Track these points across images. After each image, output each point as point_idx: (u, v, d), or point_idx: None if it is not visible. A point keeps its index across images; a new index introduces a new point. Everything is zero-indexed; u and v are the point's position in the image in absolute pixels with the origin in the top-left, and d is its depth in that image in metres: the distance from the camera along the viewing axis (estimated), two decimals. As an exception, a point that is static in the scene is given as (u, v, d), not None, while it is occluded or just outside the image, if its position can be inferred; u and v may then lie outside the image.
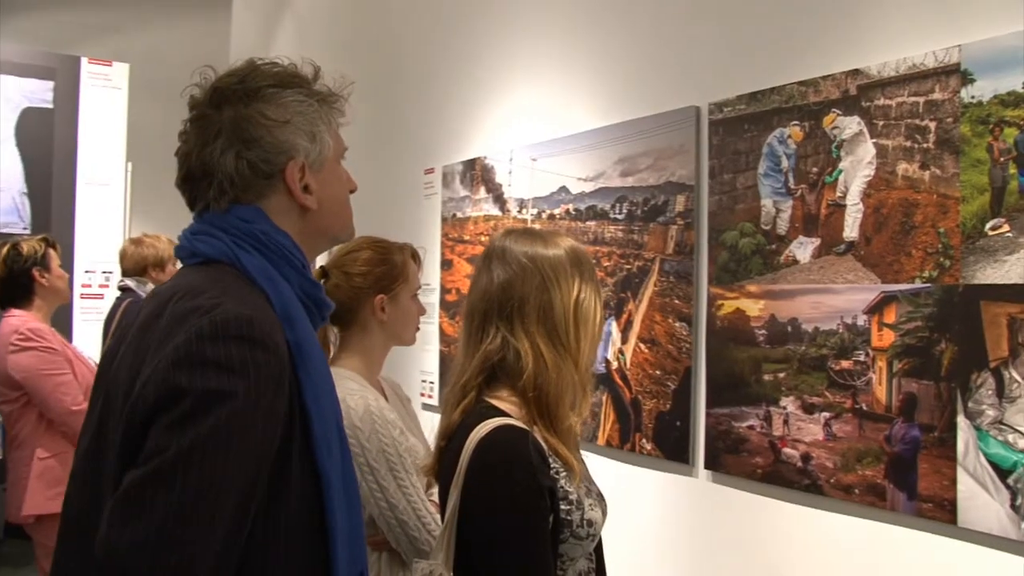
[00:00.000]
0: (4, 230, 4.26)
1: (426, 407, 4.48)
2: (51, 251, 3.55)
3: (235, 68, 1.36)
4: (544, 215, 3.57)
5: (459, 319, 5.79)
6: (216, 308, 1.15)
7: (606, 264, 3.25)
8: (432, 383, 4.43)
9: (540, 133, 3.66)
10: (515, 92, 3.88)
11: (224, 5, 8.24)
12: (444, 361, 4.30)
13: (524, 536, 1.38)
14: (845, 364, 2.40)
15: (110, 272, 4.31)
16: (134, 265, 4.22)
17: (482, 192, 4.02)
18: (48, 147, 4.38)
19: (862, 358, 2.35)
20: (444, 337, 4.31)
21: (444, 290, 4.31)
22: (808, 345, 2.49)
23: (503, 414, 1.46)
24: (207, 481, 1.08)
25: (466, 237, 4.14)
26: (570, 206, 3.45)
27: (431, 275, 4.44)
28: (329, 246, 1.53)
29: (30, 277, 3.44)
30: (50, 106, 4.39)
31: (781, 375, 2.56)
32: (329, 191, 1.39)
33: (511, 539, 1.38)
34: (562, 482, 1.45)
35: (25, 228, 4.30)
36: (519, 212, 3.76)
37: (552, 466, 1.45)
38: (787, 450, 2.54)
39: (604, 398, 3.23)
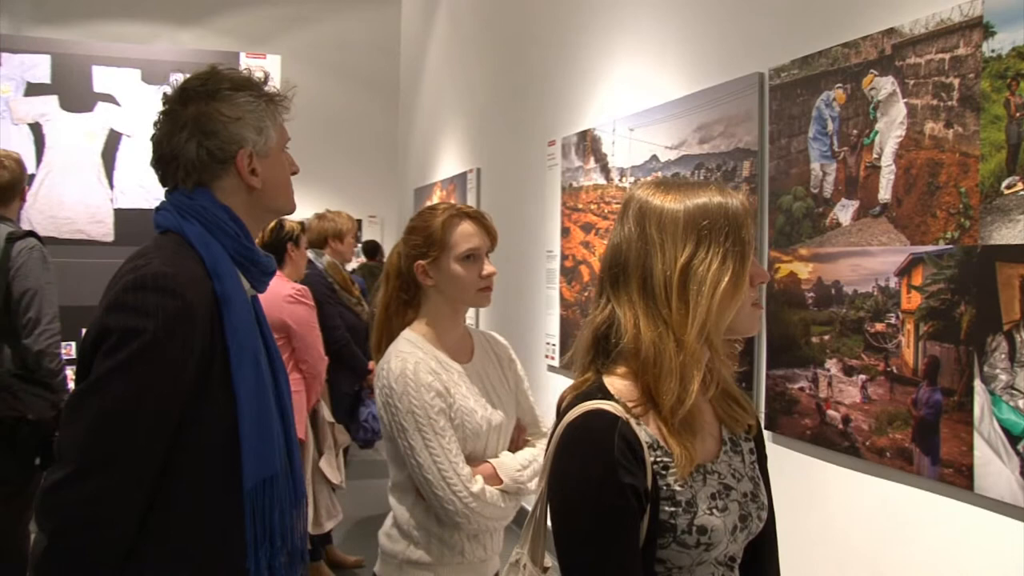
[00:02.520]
0: (181, 207, 4.88)
1: (551, 368, 4.69)
2: (303, 235, 4.10)
3: (200, 72, 1.66)
4: (640, 182, 3.67)
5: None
6: (143, 267, 1.46)
7: (687, 230, 3.32)
8: (554, 345, 4.63)
9: (636, 104, 3.75)
10: (617, 65, 3.99)
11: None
12: (564, 325, 4.49)
13: (592, 538, 1.20)
14: (879, 327, 2.38)
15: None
16: (316, 237, 4.71)
17: (592, 162, 4.16)
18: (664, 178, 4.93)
19: (893, 321, 2.34)
20: (564, 301, 4.49)
21: (563, 256, 4.49)
22: (848, 308, 2.49)
23: (609, 396, 1.26)
24: (126, 392, 1.41)
25: (580, 206, 4.30)
26: (659, 174, 3.53)
27: (552, 242, 4.64)
28: (274, 218, 1.78)
29: (285, 248, 3.98)
30: (215, 97, 4.93)
31: (826, 337, 2.57)
32: (272, 174, 1.67)
33: (578, 539, 1.21)
34: (669, 479, 1.24)
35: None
36: (620, 181, 3.87)
37: (654, 460, 1.24)
38: (830, 412, 2.56)
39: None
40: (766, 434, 2.82)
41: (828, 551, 2.64)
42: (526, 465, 2.12)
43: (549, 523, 1.28)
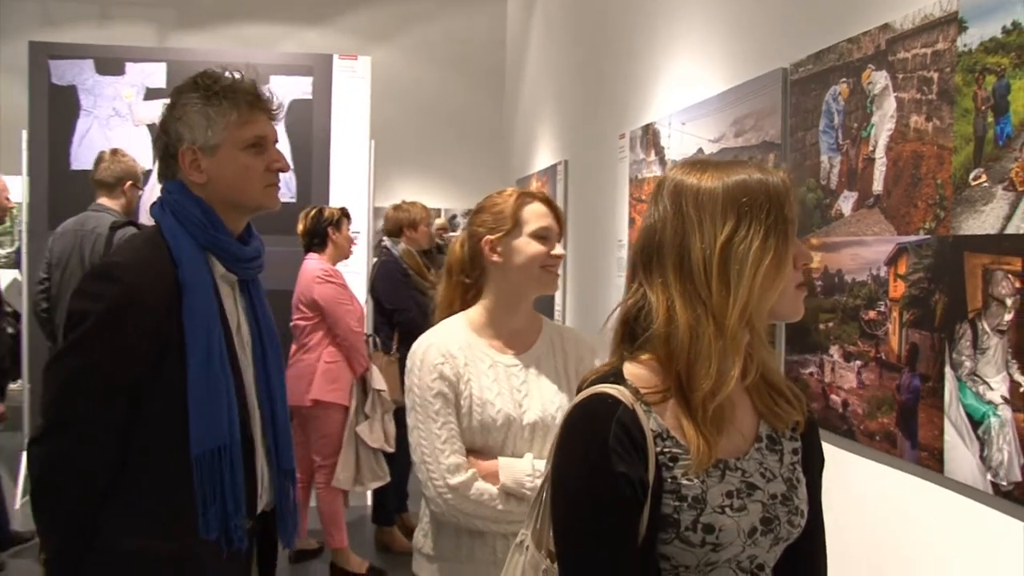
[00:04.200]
0: (278, 200, 5.30)
1: (620, 355, 4.85)
2: (344, 219, 4.52)
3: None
4: (687, 175, 3.79)
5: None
6: (106, 258, 1.75)
7: (724, 220, 3.43)
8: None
9: (687, 99, 3.86)
10: (674, 61, 4.10)
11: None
12: (630, 312, 4.64)
13: (582, 525, 1.16)
14: (872, 314, 2.46)
15: (357, 232, 5.15)
16: (392, 226, 5.07)
17: (652, 155, 4.29)
18: (308, 131, 5.32)
19: (882, 308, 2.41)
20: (630, 290, 4.64)
21: (630, 246, 4.63)
22: (848, 296, 2.57)
23: (623, 381, 1.21)
24: (79, 366, 1.69)
25: (643, 197, 4.43)
26: (704, 166, 3.64)
27: (622, 232, 4.79)
28: (245, 212, 1.90)
29: (325, 233, 4.40)
30: (309, 97, 5.32)
31: (830, 324, 2.66)
32: (221, 170, 1.82)
33: (568, 524, 1.18)
34: (676, 472, 1.17)
35: (292, 198, 5.28)
36: (673, 172, 3.99)
37: (661, 451, 1.18)
38: (832, 396, 2.64)
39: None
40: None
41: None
42: (544, 473, 2.07)
43: None
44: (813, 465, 1.36)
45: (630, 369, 1.24)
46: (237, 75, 1.89)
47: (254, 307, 1.92)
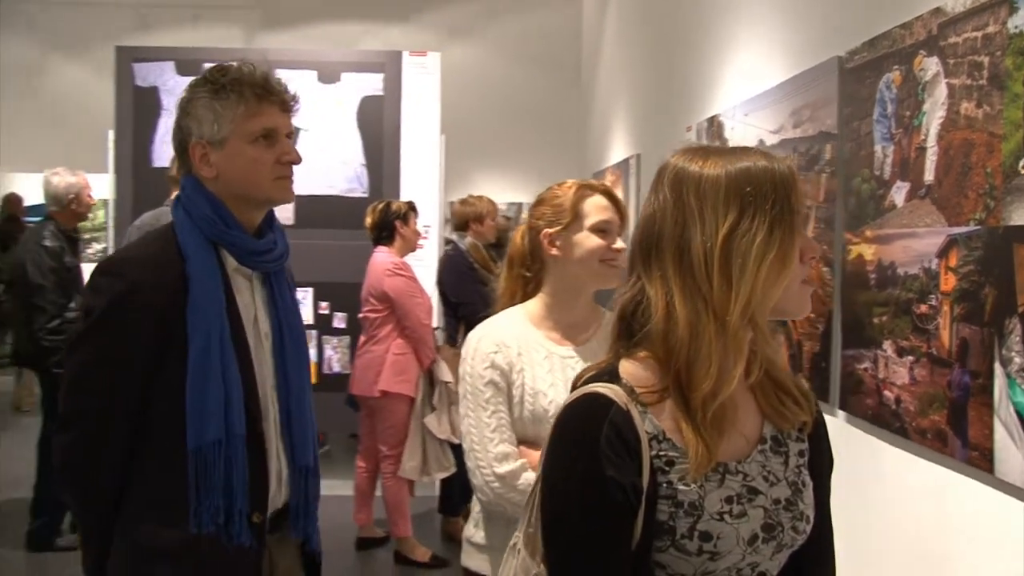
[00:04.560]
0: (349, 195, 5.40)
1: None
2: (411, 212, 4.61)
3: None
4: (749, 166, 3.73)
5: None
6: (114, 254, 1.80)
7: (783, 212, 3.36)
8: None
9: (749, 89, 3.80)
10: (737, 53, 4.04)
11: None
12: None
13: (569, 529, 1.11)
14: (923, 308, 2.39)
15: (428, 226, 5.23)
16: (458, 221, 5.14)
17: (716, 146, 4.23)
18: (379, 127, 5.42)
19: (933, 302, 2.34)
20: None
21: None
22: (900, 289, 2.50)
23: (618, 379, 1.16)
24: (85, 360, 1.74)
25: (708, 189, 4.38)
26: (765, 157, 3.57)
27: (688, 226, 4.74)
28: (257, 206, 1.87)
29: (393, 226, 4.50)
30: (381, 93, 5.42)
31: (884, 318, 2.59)
32: (230, 163, 1.80)
33: (555, 529, 1.13)
34: (672, 476, 1.12)
35: (364, 193, 5.39)
36: (735, 164, 3.94)
37: (656, 454, 1.12)
38: (886, 392, 2.57)
39: (781, 339, 3.37)
40: (839, 416, 2.85)
41: (876, 533, 2.66)
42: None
43: None
44: (821, 467, 1.29)
45: (626, 367, 1.19)
46: (248, 67, 1.86)
47: (275, 300, 1.90)
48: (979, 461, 2.13)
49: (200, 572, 1.77)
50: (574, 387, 1.23)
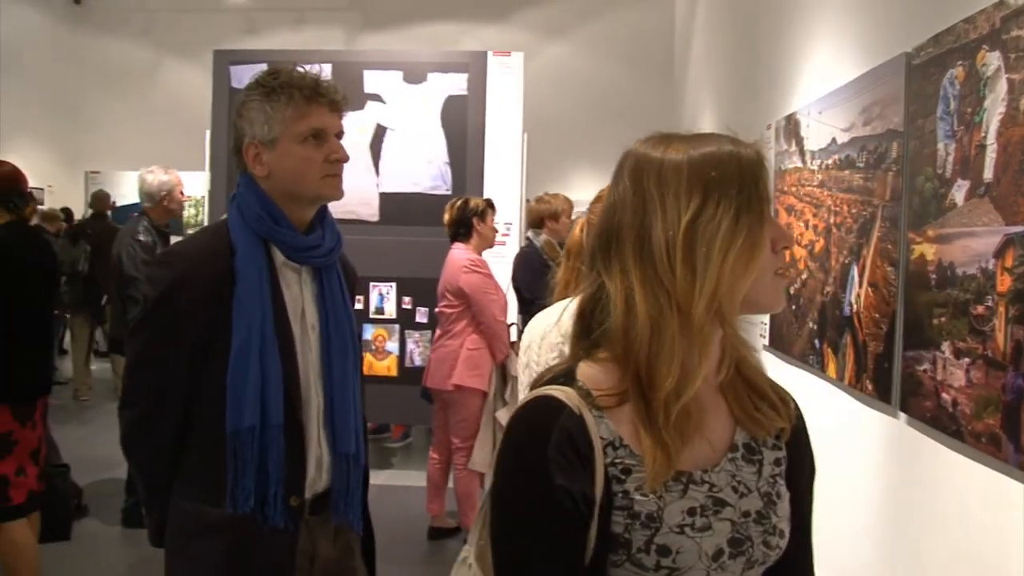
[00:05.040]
0: (433, 192, 5.53)
1: (765, 348, 4.74)
2: (489, 209, 4.71)
3: None
4: (822, 165, 3.68)
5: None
6: (169, 247, 1.93)
7: (851, 211, 3.31)
8: (766, 324, 4.69)
9: (824, 87, 3.75)
10: (815, 49, 3.99)
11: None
12: (772, 306, 4.53)
13: (516, 540, 1.05)
14: (980, 309, 2.33)
15: (510, 223, 5.32)
16: (533, 218, 5.22)
17: (793, 145, 4.18)
18: (463, 125, 5.53)
19: (990, 303, 2.28)
20: (772, 284, 4.54)
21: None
22: (959, 290, 2.44)
23: (574, 382, 1.10)
24: (140, 345, 1.89)
25: (785, 188, 4.33)
26: (837, 156, 3.53)
27: (765, 225, 4.69)
28: (307, 203, 1.97)
29: (471, 223, 4.61)
30: (465, 93, 5.53)
31: (943, 319, 2.54)
32: (281, 162, 1.90)
33: (503, 539, 1.07)
34: (628, 486, 1.05)
35: (448, 190, 5.50)
36: (810, 163, 3.89)
37: (612, 461, 1.05)
38: (943, 395, 2.52)
39: (847, 339, 3.32)
40: (900, 418, 2.80)
41: (931, 538, 2.61)
42: None
43: None
44: (801, 477, 1.21)
45: (585, 369, 1.11)
46: (299, 70, 1.96)
47: (323, 294, 1.98)
48: (1031, 466, 2.08)
49: (236, 550, 1.88)
50: (532, 389, 1.15)
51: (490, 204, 4.73)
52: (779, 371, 4.42)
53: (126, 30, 12.95)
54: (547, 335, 2.14)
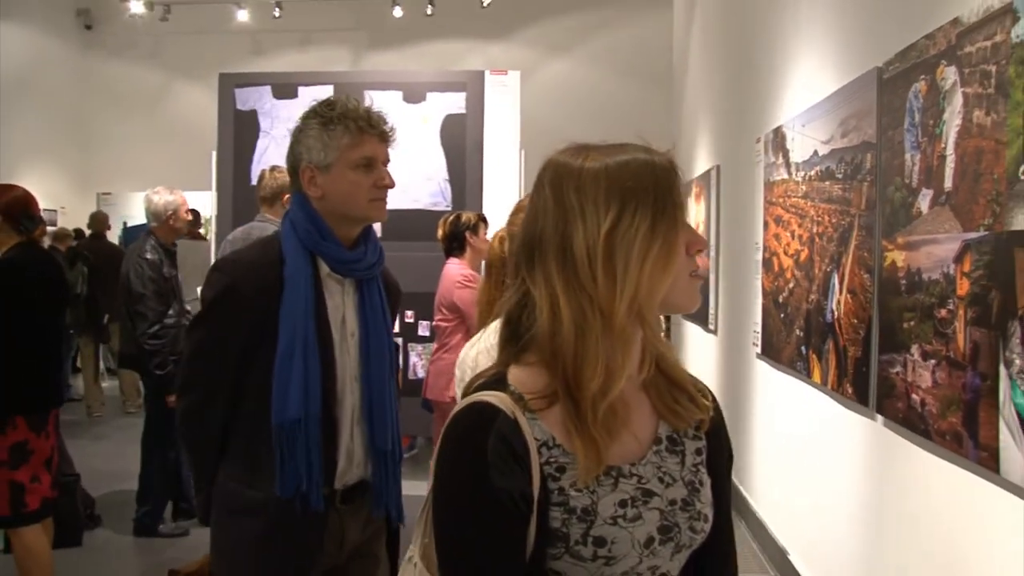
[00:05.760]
0: (433, 208, 5.65)
1: (758, 356, 4.84)
2: (481, 223, 4.81)
3: None
4: (805, 176, 3.79)
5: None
6: (228, 255, 2.07)
7: (832, 220, 3.42)
8: (758, 333, 4.78)
9: (806, 101, 3.86)
10: (799, 63, 4.10)
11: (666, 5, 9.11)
12: (765, 313, 4.63)
13: (461, 542, 1.10)
14: (943, 312, 2.43)
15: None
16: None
17: (780, 158, 4.29)
18: (462, 143, 5.65)
19: (951, 307, 2.38)
20: (764, 291, 4.64)
21: (765, 248, 4.63)
22: (925, 294, 2.55)
23: (505, 386, 1.14)
24: (197, 340, 2.07)
25: (773, 199, 4.43)
26: (819, 167, 3.63)
27: (757, 234, 4.79)
28: (354, 223, 2.12)
29: (463, 237, 4.72)
30: (463, 111, 5.66)
31: (912, 323, 2.63)
32: (334, 187, 2.07)
33: (447, 541, 1.12)
34: (563, 483, 1.11)
35: (447, 206, 5.62)
36: (795, 175, 3.99)
37: (546, 460, 1.11)
38: (913, 396, 2.62)
39: (830, 345, 3.42)
40: (877, 419, 2.90)
41: (905, 536, 2.70)
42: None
43: None
44: (720, 465, 1.27)
45: (515, 374, 1.16)
46: (353, 102, 2.13)
47: (364, 304, 2.16)
48: (988, 461, 2.17)
49: (272, 529, 2.06)
50: (464, 396, 1.20)
51: (482, 218, 4.82)
52: (770, 378, 4.52)
53: (135, 53, 13.18)
54: (477, 365, 2.20)
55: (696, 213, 7.30)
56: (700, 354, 7.10)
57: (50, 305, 3.49)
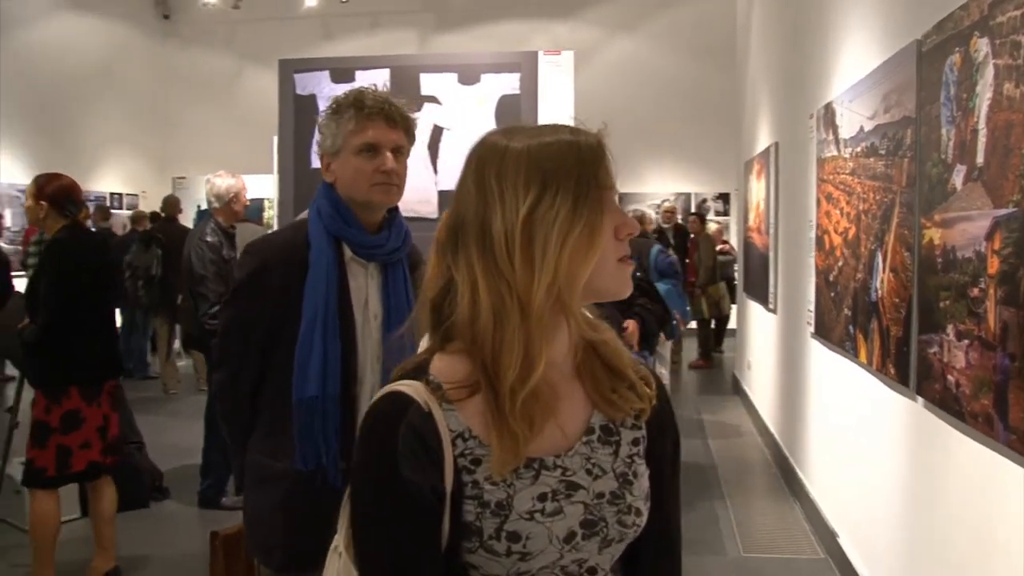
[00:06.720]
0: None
1: (812, 335, 4.76)
2: None
3: None
4: (852, 153, 3.71)
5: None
6: (259, 238, 2.18)
7: (876, 198, 3.35)
8: (811, 311, 4.71)
9: (855, 76, 3.78)
10: (848, 38, 4.01)
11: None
12: (818, 292, 4.55)
13: (370, 533, 1.09)
14: (975, 291, 2.38)
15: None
16: None
17: (830, 134, 4.21)
18: (517, 123, 5.68)
19: (983, 285, 2.33)
20: (817, 270, 4.56)
21: (817, 226, 4.55)
22: (959, 273, 2.49)
23: (425, 375, 1.11)
24: (228, 318, 2.18)
25: (824, 176, 4.35)
26: (864, 144, 3.56)
27: (810, 211, 4.71)
28: (365, 207, 2.16)
29: None
30: (517, 92, 5.68)
31: (948, 302, 2.58)
32: (342, 171, 2.13)
33: (359, 532, 1.11)
34: (478, 476, 1.08)
35: (501, 186, 5.69)
36: (843, 151, 3.91)
37: (461, 452, 1.08)
38: (949, 377, 2.57)
39: (874, 324, 3.36)
40: (918, 401, 2.84)
41: (940, 521, 2.65)
42: None
43: None
44: (662, 455, 1.21)
45: (439, 362, 1.13)
46: (367, 91, 2.16)
47: (388, 287, 2.22)
48: (1017, 445, 2.12)
49: (291, 498, 2.14)
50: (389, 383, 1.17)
51: None
52: (822, 359, 4.45)
53: (210, 41, 13.52)
54: None
55: (756, 191, 7.19)
56: (761, 333, 7.01)
57: (96, 282, 3.67)
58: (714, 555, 4.30)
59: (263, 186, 8.80)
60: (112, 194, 12.95)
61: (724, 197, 12.64)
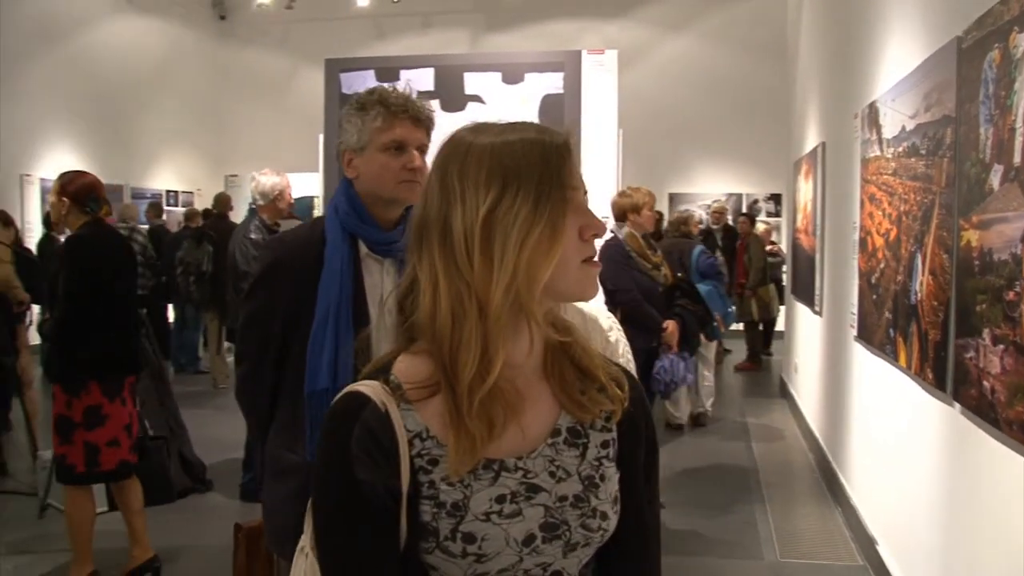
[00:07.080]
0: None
1: (856, 339, 4.68)
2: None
3: None
4: (895, 153, 3.64)
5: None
6: (276, 235, 2.17)
7: (916, 199, 3.28)
8: (854, 314, 4.63)
9: (897, 74, 3.71)
10: (892, 36, 3.93)
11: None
12: (860, 294, 4.48)
13: (326, 532, 1.10)
14: (1011, 295, 2.32)
15: (607, 217, 5.42)
16: (616, 212, 5.30)
17: (874, 134, 4.13)
18: (561, 123, 5.67)
19: (1018, 289, 2.27)
20: (860, 272, 4.49)
21: (861, 227, 4.47)
22: (995, 276, 2.43)
23: (386, 375, 1.12)
24: (246, 313, 2.19)
25: (868, 177, 4.27)
26: (906, 144, 3.49)
27: (854, 213, 4.63)
28: (388, 204, 2.17)
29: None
30: (561, 91, 5.67)
31: (984, 306, 2.52)
32: (366, 168, 2.15)
33: (321, 536, 1.11)
34: (435, 476, 1.07)
35: (544, 186, 5.68)
36: (885, 151, 3.84)
37: (418, 452, 1.07)
38: (984, 383, 2.51)
39: (913, 328, 3.29)
40: (955, 407, 2.78)
41: (976, 531, 2.59)
42: None
43: None
44: (634, 459, 1.18)
45: (402, 362, 1.13)
46: (391, 89, 2.18)
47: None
48: (1050, 452, 2.07)
49: (304, 492, 2.13)
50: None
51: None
52: (864, 362, 4.37)
53: (266, 41, 13.73)
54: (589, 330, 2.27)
55: (804, 192, 7.08)
56: (807, 335, 6.91)
57: (117, 278, 3.74)
58: (750, 559, 4.25)
59: (312, 184, 8.90)
60: (168, 191, 13.24)
61: (776, 198, 12.47)
